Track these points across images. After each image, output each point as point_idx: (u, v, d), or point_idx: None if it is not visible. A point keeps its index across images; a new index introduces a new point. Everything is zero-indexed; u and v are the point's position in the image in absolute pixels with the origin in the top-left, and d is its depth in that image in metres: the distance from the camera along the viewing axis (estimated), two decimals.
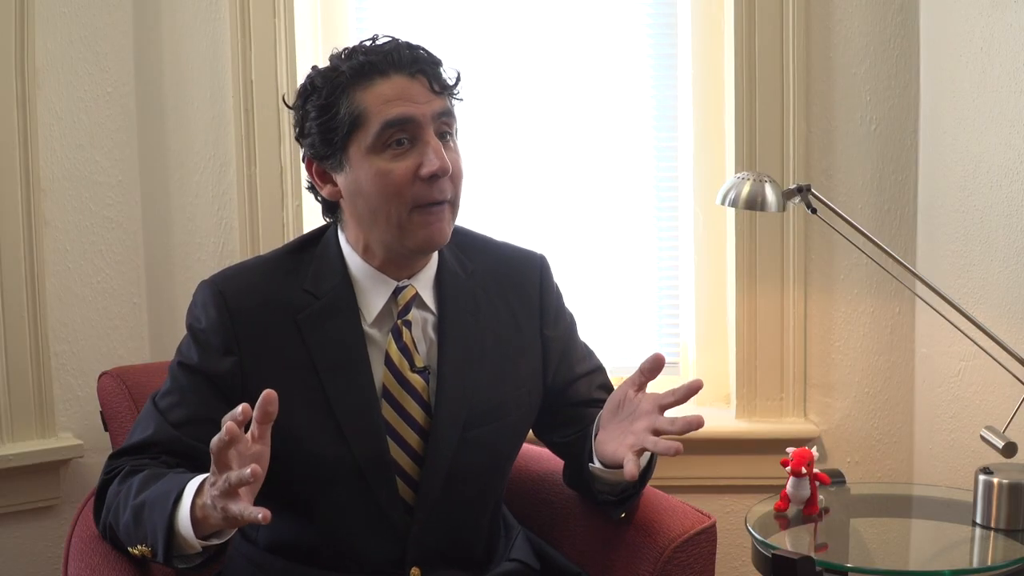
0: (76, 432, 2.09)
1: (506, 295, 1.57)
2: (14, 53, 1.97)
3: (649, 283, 2.34)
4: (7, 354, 2.00)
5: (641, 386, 1.47)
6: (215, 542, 1.29)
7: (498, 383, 1.53)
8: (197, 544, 1.27)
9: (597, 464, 1.51)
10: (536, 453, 1.87)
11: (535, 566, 1.59)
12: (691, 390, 1.40)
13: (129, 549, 1.36)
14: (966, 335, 1.81)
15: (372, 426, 1.44)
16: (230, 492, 1.19)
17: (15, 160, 1.99)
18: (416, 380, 1.47)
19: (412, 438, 1.47)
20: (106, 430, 1.86)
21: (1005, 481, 1.72)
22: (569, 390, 1.64)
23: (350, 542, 1.46)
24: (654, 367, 1.45)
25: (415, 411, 1.47)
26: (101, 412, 1.86)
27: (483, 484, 1.54)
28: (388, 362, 1.46)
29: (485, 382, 1.51)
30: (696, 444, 2.19)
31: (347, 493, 1.45)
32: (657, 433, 1.39)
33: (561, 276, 2.24)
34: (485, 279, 1.56)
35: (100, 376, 1.88)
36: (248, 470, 1.16)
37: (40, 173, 2.03)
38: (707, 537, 1.59)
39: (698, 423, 1.40)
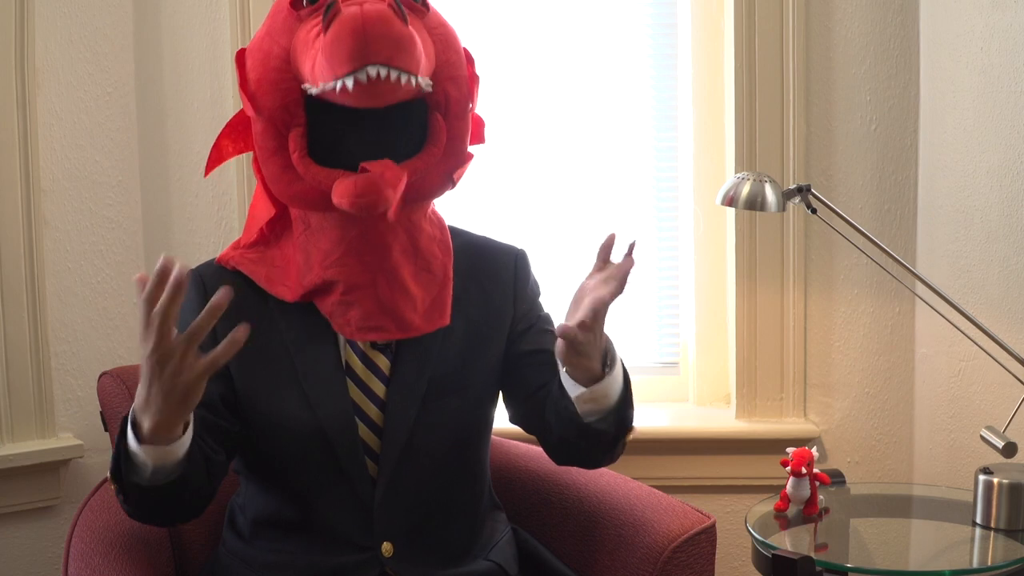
0: (76, 432, 2.09)
1: (480, 280, 1.58)
2: (14, 53, 1.97)
3: (649, 283, 2.34)
4: (7, 354, 2.00)
5: (598, 271, 1.40)
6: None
7: (464, 361, 1.54)
8: (141, 452, 1.28)
9: (573, 391, 1.42)
10: (535, 453, 1.87)
11: (511, 572, 1.59)
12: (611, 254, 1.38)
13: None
14: (966, 335, 1.81)
15: (338, 397, 1.48)
16: (187, 353, 1.20)
17: (15, 160, 1.99)
18: (379, 357, 1.51)
19: (374, 412, 1.50)
20: (106, 430, 1.86)
21: (1005, 481, 1.73)
22: (526, 356, 1.59)
23: (323, 514, 1.49)
24: (607, 245, 1.39)
25: (377, 387, 1.50)
26: (101, 412, 1.86)
27: (447, 459, 1.54)
28: (350, 340, 1.51)
29: (449, 359, 1.53)
30: (696, 444, 2.21)
31: (316, 463, 1.48)
32: (599, 305, 1.32)
33: (561, 276, 2.25)
34: (458, 264, 1.56)
35: (100, 376, 1.88)
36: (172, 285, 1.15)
37: (40, 173, 2.03)
38: (707, 537, 1.60)
39: (627, 267, 1.35)
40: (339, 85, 1.34)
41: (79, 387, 2.10)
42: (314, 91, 1.38)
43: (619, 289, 1.33)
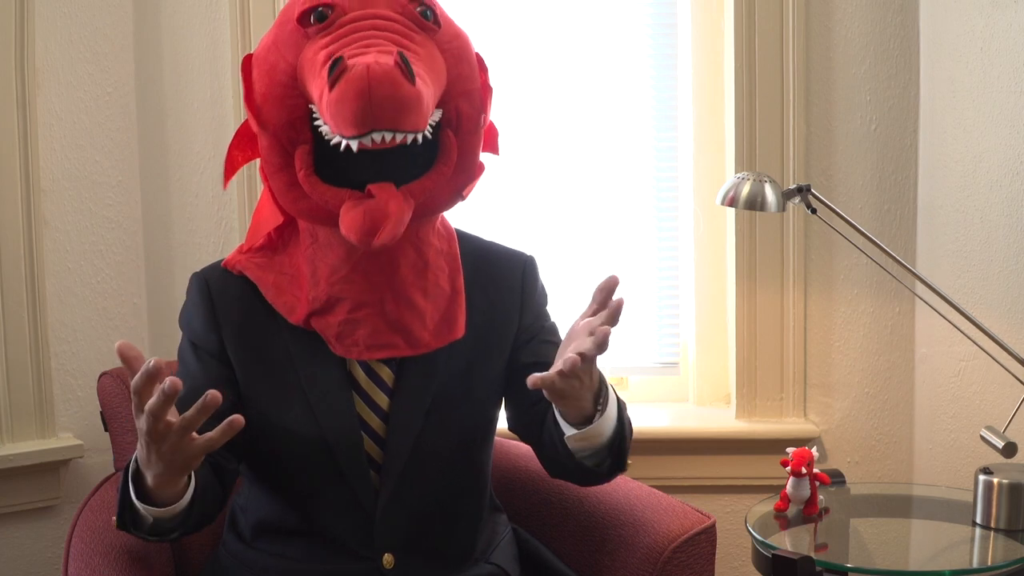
0: (76, 432, 2.09)
1: (486, 286, 1.57)
2: (14, 53, 1.97)
3: (649, 283, 2.34)
4: (7, 354, 2.00)
5: (592, 314, 1.32)
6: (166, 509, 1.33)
7: (469, 369, 1.53)
8: (143, 510, 1.31)
9: (566, 430, 1.41)
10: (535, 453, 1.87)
11: (512, 573, 1.58)
12: (612, 297, 1.29)
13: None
14: (966, 335, 1.81)
15: (343, 410, 1.47)
16: (185, 433, 1.20)
17: (15, 160, 1.99)
18: (382, 369, 1.50)
19: (376, 423, 1.49)
20: (106, 430, 1.86)
21: (1005, 481, 1.72)
22: (529, 367, 1.53)
23: (325, 522, 1.49)
24: (606, 287, 1.31)
25: (380, 399, 1.49)
26: (101, 412, 1.86)
27: (450, 466, 1.53)
28: None
29: (454, 369, 1.52)
30: (696, 444, 2.21)
31: (319, 472, 1.48)
32: (584, 357, 1.25)
33: (561, 276, 2.26)
34: (465, 270, 1.55)
35: (100, 376, 1.88)
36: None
37: (40, 173, 2.03)
38: (707, 537, 1.60)
39: (616, 307, 1.27)
40: (343, 144, 1.33)
41: (79, 387, 2.10)
42: (322, 128, 1.37)
43: (598, 350, 1.26)
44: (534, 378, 1.27)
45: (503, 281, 1.59)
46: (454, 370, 1.52)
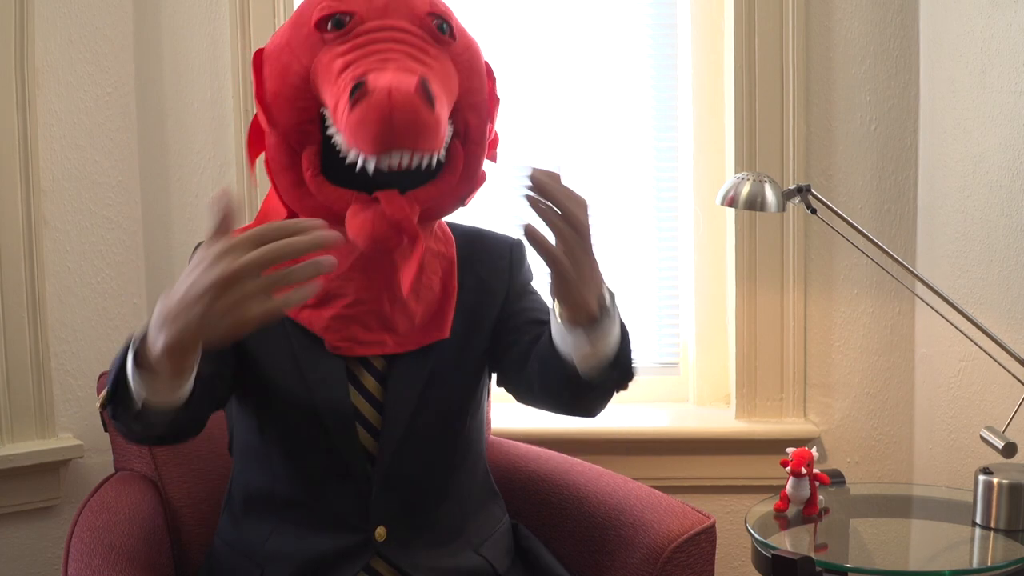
0: (76, 432, 2.09)
1: (475, 266, 1.58)
2: (14, 53, 1.97)
3: (649, 283, 2.34)
4: (7, 354, 2.00)
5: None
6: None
7: (463, 336, 1.54)
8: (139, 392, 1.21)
9: (571, 344, 1.34)
10: (535, 453, 1.88)
11: (500, 569, 1.58)
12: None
13: (99, 407, 1.31)
14: (966, 335, 1.81)
15: (333, 375, 1.47)
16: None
17: (15, 160, 1.99)
18: None
19: (373, 384, 1.49)
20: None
21: (1005, 481, 1.73)
22: (516, 327, 1.56)
23: (317, 495, 1.49)
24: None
25: (378, 361, 1.50)
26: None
27: (443, 437, 1.54)
28: None
29: (446, 345, 1.52)
30: (696, 444, 2.21)
31: (310, 441, 1.48)
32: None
33: None
34: (458, 252, 1.56)
35: (100, 376, 1.88)
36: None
37: (40, 174, 2.03)
38: (707, 537, 1.60)
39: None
40: (360, 163, 1.34)
41: (79, 387, 2.10)
42: (335, 139, 1.37)
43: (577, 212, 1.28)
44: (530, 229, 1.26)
45: (493, 262, 1.61)
46: (447, 348, 1.52)
